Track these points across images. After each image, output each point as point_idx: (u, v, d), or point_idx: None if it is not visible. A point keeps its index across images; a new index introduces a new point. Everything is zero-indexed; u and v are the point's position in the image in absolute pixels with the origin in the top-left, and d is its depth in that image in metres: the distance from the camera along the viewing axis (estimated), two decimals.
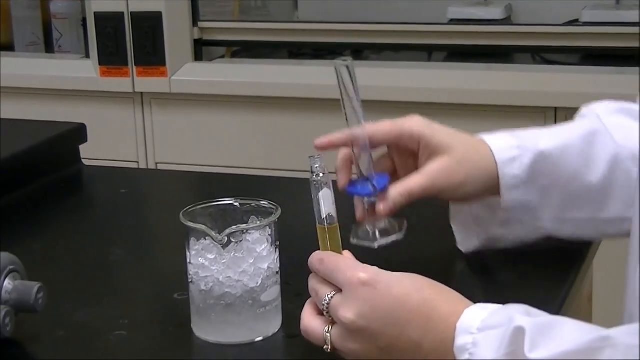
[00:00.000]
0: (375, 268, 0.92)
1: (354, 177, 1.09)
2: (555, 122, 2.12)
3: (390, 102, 2.20)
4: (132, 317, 1.08)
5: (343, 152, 1.09)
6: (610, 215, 1.13)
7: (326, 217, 0.96)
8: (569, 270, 1.14)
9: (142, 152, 2.44)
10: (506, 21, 2.38)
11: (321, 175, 0.97)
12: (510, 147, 1.10)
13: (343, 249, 0.97)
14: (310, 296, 0.96)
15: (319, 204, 0.96)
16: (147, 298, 1.16)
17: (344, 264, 0.93)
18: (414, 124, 1.09)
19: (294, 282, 1.04)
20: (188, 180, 1.67)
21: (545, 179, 1.10)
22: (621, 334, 0.80)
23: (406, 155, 1.11)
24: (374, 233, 1.09)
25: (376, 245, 1.09)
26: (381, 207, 1.07)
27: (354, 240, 1.07)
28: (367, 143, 1.06)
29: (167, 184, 1.61)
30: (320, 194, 0.96)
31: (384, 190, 1.07)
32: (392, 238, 1.10)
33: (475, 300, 0.90)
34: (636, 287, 0.98)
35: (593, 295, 1.37)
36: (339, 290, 0.92)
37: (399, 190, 1.08)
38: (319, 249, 0.97)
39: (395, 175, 1.11)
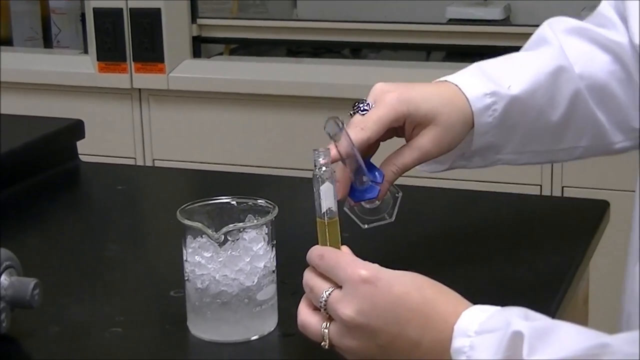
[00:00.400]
0: (376, 265, 0.92)
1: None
2: None
3: None
4: (127, 314, 1.08)
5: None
6: (565, 145, 1.18)
7: (326, 211, 0.96)
8: (566, 272, 1.14)
9: (139, 149, 2.44)
10: (505, 21, 2.38)
11: (324, 169, 0.96)
12: (484, 95, 1.11)
13: (342, 243, 0.97)
14: (304, 292, 0.96)
15: (319, 198, 0.96)
16: (142, 295, 1.16)
17: (345, 261, 0.93)
18: (393, 109, 1.07)
19: (290, 281, 1.04)
20: (185, 177, 1.67)
21: (512, 121, 1.13)
22: (620, 341, 0.79)
23: (389, 134, 1.11)
24: (366, 212, 1.09)
25: (366, 226, 1.09)
26: (378, 190, 1.07)
27: (346, 208, 1.07)
28: (357, 152, 1.06)
29: (164, 181, 1.61)
30: (322, 187, 0.96)
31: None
32: (384, 221, 1.10)
33: (471, 301, 0.90)
34: (635, 287, 0.98)
35: (589, 298, 1.37)
36: (336, 286, 0.92)
37: (392, 168, 1.08)
38: (317, 244, 0.97)
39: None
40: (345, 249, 0.96)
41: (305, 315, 0.94)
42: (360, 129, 1.05)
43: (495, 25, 2.32)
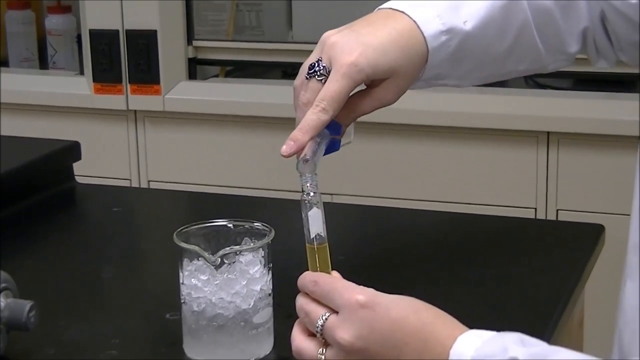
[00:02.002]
0: (372, 290, 0.92)
1: None
2: (548, 147, 2.13)
3: (382, 124, 2.20)
4: (123, 336, 1.08)
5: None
6: (505, 70, 1.21)
7: (315, 236, 0.96)
8: (561, 296, 1.14)
9: (134, 170, 2.44)
10: None
11: (311, 194, 0.97)
12: (440, 33, 1.10)
13: (335, 267, 0.97)
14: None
15: (307, 223, 0.96)
16: (138, 317, 1.16)
17: (341, 286, 0.93)
18: (352, 80, 1.05)
19: (286, 304, 1.04)
20: (181, 199, 1.67)
21: (462, 54, 1.13)
22: None
23: None
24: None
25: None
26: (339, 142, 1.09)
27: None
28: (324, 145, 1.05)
29: (161, 203, 1.61)
30: (310, 213, 0.96)
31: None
32: (343, 142, 1.10)
33: (466, 325, 0.91)
34: (625, 305, 0.98)
35: (584, 321, 1.37)
36: (332, 311, 0.92)
37: (352, 115, 1.09)
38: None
39: None
40: (335, 274, 0.97)
41: (300, 341, 0.94)
42: (321, 109, 1.04)
43: None
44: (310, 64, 1.07)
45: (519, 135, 2.14)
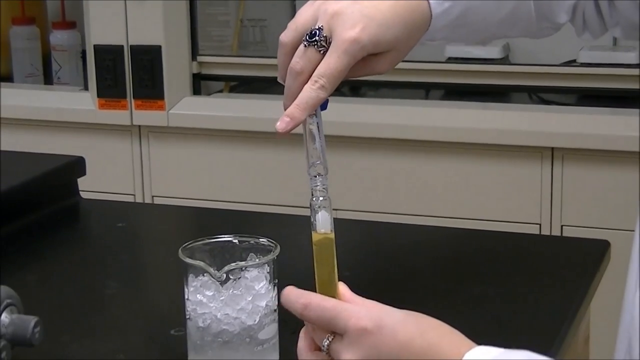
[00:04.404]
0: (376, 311, 0.91)
1: None
2: (552, 162, 2.13)
3: (388, 140, 2.20)
4: (128, 352, 1.08)
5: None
6: (497, 35, 1.23)
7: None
8: (566, 313, 1.14)
9: (138, 185, 2.44)
10: (503, 60, 2.39)
11: (320, 199, 0.96)
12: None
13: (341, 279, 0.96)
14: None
15: (316, 227, 0.96)
16: (143, 333, 1.15)
17: (345, 312, 0.91)
18: (353, 57, 1.02)
19: (291, 320, 1.04)
20: (186, 215, 1.67)
21: (461, 20, 1.13)
22: None
23: None
24: None
25: None
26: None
27: None
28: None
29: (165, 218, 1.61)
30: (318, 215, 0.96)
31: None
32: None
33: (473, 341, 0.90)
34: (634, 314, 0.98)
35: (590, 338, 1.36)
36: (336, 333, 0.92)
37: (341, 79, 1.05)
38: (315, 286, 0.96)
39: None
40: (342, 286, 0.96)
41: (307, 355, 0.94)
42: (320, 86, 1.00)
43: (494, 64, 2.33)
44: (311, 32, 1.02)
45: (523, 150, 2.14)
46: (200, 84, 2.45)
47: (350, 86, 2.47)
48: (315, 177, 0.98)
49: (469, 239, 1.44)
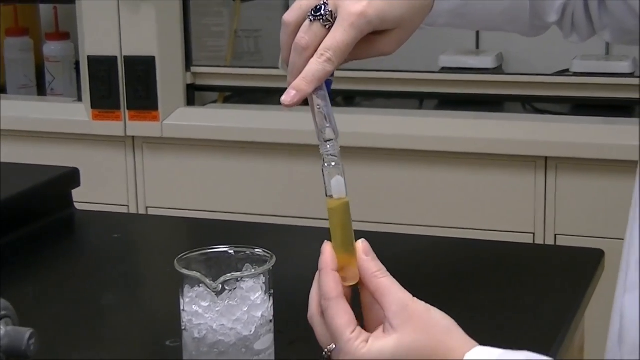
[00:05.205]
0: (375, 333, 0.91)
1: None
2: (546, 172, 2.13)
3: (382, 149, 2.21)
4: None
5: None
6: (493, 28, 1.25)
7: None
8: (561, 322, 1.14)
9: (132, 196, 2.44)
10: (497, 70, 2.40)
11: (332, 164, 0.95)
12: None
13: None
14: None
15: (330, 190, 0.94)
16: (138, 344, 1.15)
17: (344, 334, 0.91)
18: (360, 31, 1.02)
19: (287, 331, 1.04)
20: (181, 226, 1.67)
21: (462, 10, 1.14)
22: None
23: None
24: None
25: None
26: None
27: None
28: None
29: (161, 229, 1.61)
30: (332, 181, 0.95)
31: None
32: None
33: None
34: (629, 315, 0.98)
35: (585, 347, 1.37)
36: None
37: (346, 59, 1.04)
38: (312, 293, 0.96)
39: None
40: (361, 244, 0.94)
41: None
42: (326, 59, 1.00)
43: (487, 74, 2.34)
44: (316, 6, 1.01)
45: (517, 160, 2.14)
46: (194, 94, 2.45)
47: (344, 96, 2.47)
48: (326, 142, 0.97)
49: (463, 248, 1.44)
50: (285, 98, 1.00)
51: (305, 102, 1.04)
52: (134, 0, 2.33)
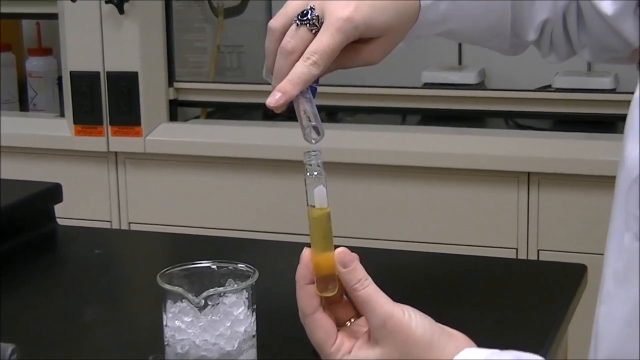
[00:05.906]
0: (358, 343, 0.91)
1: None
2: (528, 187, 2.14)
3: (364, 165, 2.21)
4: None
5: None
6: (473, 42, 1.25)
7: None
8: (544, 337, 1.14)
9: (115, 212, 2.44)
10: (479, 86, 2.41)
11: (315, 173, 0.95)
12: None
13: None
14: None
15: (312, 200, 0.94)
16: None
17: (323, 349, 0.90)
18: (346, 36, 1.02)
19: (270, 346, 1.04)
20: (164, 241, 1.67)
21: (446, 26, 1.15)
22: None
23: None
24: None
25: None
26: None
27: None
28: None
29: (143, 245, 1.60)
30: (315, 190, 0.95)
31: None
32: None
33: None
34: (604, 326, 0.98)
35: None
36: None
37: (331, 69, 1.05)
38: (297, 311, 0.96)
39: None
40: (339, 255, 0.94)
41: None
42: (312, 62, 1.00)
43: (470, 90, 2.34)
44: (303, 11, 1.02)
45: (499, 175, 2.15)
46: (177, 110, 2.45)
47: (327, 111, 2.47)
48: (309, 152, 0.97)
49: (445, 263, 1.44)
50: (270, 100, 1.01)
51: (288, 118, 1.04)
52: (116, 16, 2.33)
